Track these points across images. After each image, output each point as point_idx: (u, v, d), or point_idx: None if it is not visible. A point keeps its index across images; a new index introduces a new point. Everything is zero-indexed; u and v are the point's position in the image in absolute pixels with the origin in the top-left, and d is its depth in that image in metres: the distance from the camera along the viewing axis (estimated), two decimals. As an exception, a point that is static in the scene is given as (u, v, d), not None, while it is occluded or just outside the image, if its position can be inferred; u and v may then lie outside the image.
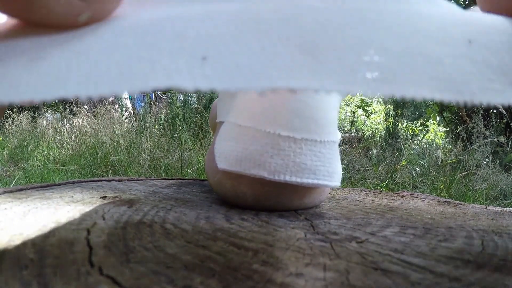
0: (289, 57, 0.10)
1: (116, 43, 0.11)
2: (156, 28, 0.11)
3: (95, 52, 0.11)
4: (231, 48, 0.10)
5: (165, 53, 0.10)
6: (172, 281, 0.13)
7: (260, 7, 0.12)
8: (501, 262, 0.17)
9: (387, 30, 0.11)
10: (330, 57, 0.10)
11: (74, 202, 0.25)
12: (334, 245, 0.18)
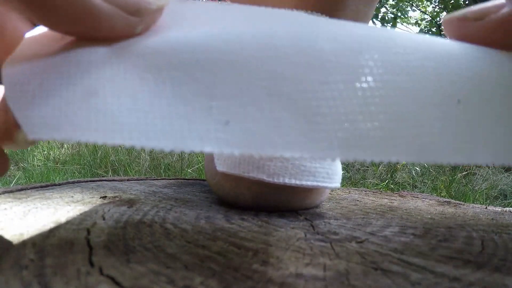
0: (294, 127, 0.12)
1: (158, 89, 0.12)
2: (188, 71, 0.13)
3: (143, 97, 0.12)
4: (248, 113, 0.12)
5: (198, 113, 0.12)
6: (172, 281, 0.13)
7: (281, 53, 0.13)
8: (501, 262, 0.17)
9: (382, 97, 0.13)
10: (321, 125, 0.12)
11: (74, 202, 0.25)
12: (334, 245, 0.18)
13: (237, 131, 0.12)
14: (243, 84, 0.12)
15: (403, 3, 3.87)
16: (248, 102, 0.12)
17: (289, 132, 0.12)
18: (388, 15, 3.76)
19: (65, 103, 0.12)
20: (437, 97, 0.13)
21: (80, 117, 0.12)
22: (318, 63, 0.13)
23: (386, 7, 3.75)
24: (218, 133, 0.12)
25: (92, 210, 0.23)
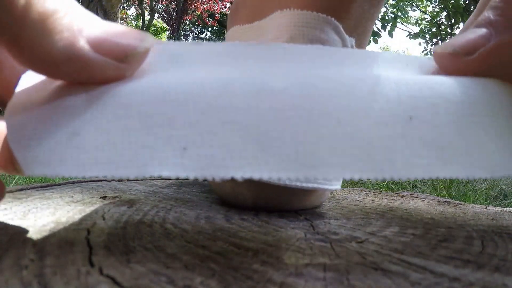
0: (245, 150, 0.13)
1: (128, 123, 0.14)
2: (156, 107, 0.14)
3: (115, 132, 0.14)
4: (204, 140, 0.14)
5: (160, 142, 0.14)
6: (172, 281, 0.13)
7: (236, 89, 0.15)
8: (501, 262, 0.17)
9: (329, 116, 0.14)
10: (275, 149, 0.13)
11: (74, 202, 0.25)
12: (334, 245, 0.18)
13: (194, 156, 0.13)
14: (200, 115, 0.14)
15: (403, 3, 3.86)
16: (204, 130, 0.14)
17: (241, 155, 0.13)
18: (388, 14, 3.76)
19: (54, 144, 0.14)
20: (388, 116, 0.15)
21: (66, 155, 0.14)
22: (269, 94, 0.14)
23: (386, 7, 3.75)
24: (176, 159, 0.13)
25: (92, 210, 0.23)
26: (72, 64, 0.14)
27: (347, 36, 0.26)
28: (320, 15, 0.25)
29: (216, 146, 0.14)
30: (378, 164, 0.14)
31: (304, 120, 0.14)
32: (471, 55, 0.18)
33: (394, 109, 0.15)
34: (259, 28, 0.27)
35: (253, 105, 0.14)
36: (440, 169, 0.14)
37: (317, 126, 0.14)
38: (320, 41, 0.25)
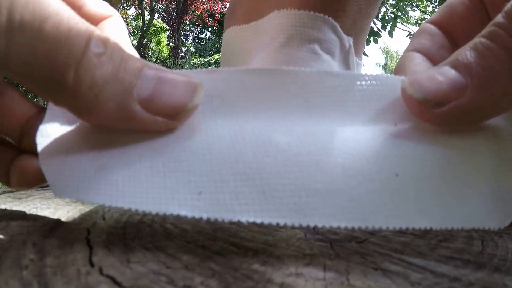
0: (251, 198, 0.16)
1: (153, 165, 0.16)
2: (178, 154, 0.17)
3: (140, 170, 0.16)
4: (217, 187, 0.16)
5: (180, 185, 0.16)
6: (172, 281, 0.13)
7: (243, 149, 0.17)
8: (501, 262, 0.17)
9: (324, 173, 0.16)
10: (276, 199, 0.16)
11: (74, 202, 0.25)
12: (334, 245, 0.18)
13: (207, 200, 0.16)
14: (214, 165, 0.16)
15: (403, 3, 3.87)
16: (217, 179, 0.16)
17: (247, 203, 0.16)
18: (388, 14, 3.76)
19: (83, 173, 0.16)
20: (376, 173, 0.17)
21: (94, 185, 0.16)
22: (274, 149, 0.17)
23: (386, 6, 3.75)
24: (193, 201, 0.16)
25: (92, 210, 0.23)
26: (125, 122, 0.16)
27: (345, 35, 0.26)
28: (317, 14, 0.25)
29: (226, 193, 0.16)
30: (364, 215, 0.16)
31: (303, 175, 0.16)
32: (440, 107, 0.17)
33: (381, 167, 0.17)
34: (256, 28, 0.27)
35: (259, 159, 0.16)
36: (419, 220, 0.16)
37: (313, 181, 0.16)
38: (317, 41, 0.25)
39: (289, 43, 0.25)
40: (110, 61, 0.15)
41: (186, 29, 9.46)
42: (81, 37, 0.14)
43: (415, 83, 0.17)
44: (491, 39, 0.16)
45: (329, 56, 0.26)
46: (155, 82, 0.16)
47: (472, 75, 0.16)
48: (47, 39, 0.13)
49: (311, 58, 0.25)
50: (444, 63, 0.18)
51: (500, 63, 0.16)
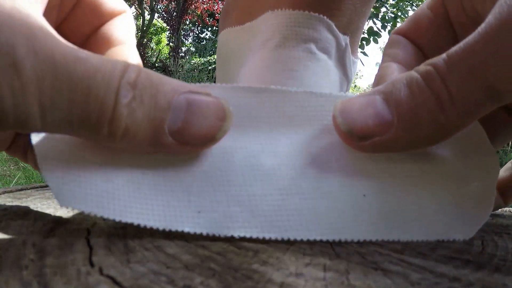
0: (241, 216, 0.18)
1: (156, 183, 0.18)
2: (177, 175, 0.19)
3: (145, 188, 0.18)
4: (213, 207, 0.18)
5: (181, 204, 0.18)
6: (172, 281, 0.13)
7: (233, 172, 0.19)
8: (501, 262, 0.17)
9: (301, 195, 0.19)
10: (262, 217, 0.18)
11: (74, 202, 0.25)
12: (334, 245, 0.18)
13: (206, 218, 0.18)
14: (209, 186, 0.19)
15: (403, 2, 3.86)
16: (213, 199, 0.18)
17: (238, 220, 0.18)
18: (388, 14, 3.76)
19: (89, 185, 0.17)
20: (345, 195, 0.19)
21: (101, 198, 0.17)
22: (261, 173, 0.19)
23: (386, 6, 3.74)
24: (194, 219, 0.18)
25: (92, 210, 0.23)
26: (154, 151, 0.18)
27: (341, 34, 0.26)
28: (312, 14, 0.25)
29: (221, 212, 0.18)
30: (337, 230, 0.18)
31: (283, 198, 0.19)
32: (365, 141, 0.18)
33: (350, 190, 0.19)
34: (250, 29, 0.27)
35: (248, 183, 0.19)
36: (386, 233, 0.18)
37: (292, 202, 0.19)
38: (313, 40, 0.25)
39: (284, 43, 0.25)
40: (140, 105, 0.16)
41: (186, 29, 9.46)
42: (110, 93, 0.15)
43: (344, 113, 0.18)
44: (426, 82, 0.17)
45: (325, 55, 0.26)
46: (185, 112, 0.17)
47: (400, 115, 0.17)
48: (79, 106, 0.15)
49: (307, 58, 0.25)
50: (382, 88, 0.18)
51: (429, 112, 0.17)
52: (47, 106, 0.14)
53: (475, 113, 0.17)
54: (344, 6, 0.25)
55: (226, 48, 0.29)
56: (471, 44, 0.16)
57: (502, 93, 0.16)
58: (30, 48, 0.13)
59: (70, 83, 0.14)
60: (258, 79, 0.25)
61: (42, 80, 0.14)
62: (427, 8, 0.23)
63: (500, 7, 0.16)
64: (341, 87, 0.28)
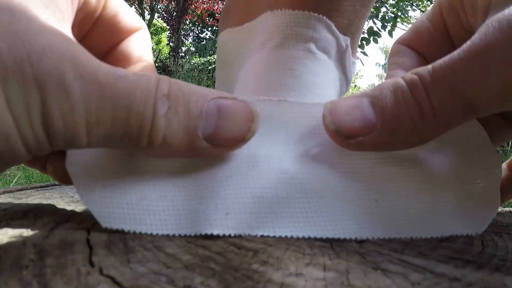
0: (266, 217, 0.19)
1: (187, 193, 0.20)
2: (205, 183, 0.20)
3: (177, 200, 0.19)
4: (240, 210, 0.19)
5: (210, 208, 0.19)
6: (172, 281, 0.13)
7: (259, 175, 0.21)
8: (501, 262, 0.17)
9: (320, 199, 0.20)
10: (284, 218, 0.19)
11: (74, 202, 0.25)
12: (334, 245, 0.18)
13: (233, 220, 0.19)
14: (237, 190, 0.20)
15: (403, 2, 3.86)
16: (240, 201, 0.19)
17: (263, 221, 0.19)
18: (388, 14, 3.76)
19: (125, 204, 0.18)
20: (357, 199, 0.21)
21: (138, 215, 0.18)
22: (284, 178, 0.21)
23: (386, 6, 3.74)
24: (222, 221, 0.18)
25: (92, 210, 0.23)
26: (189, 156, 0.19)
27: (341, 34, 0.26)
28: (311, 14, 0.25)
29: (247, 213, 0.19)
30: (354, 229, 0.19)
31: (304, 201, 0.20)
32: (350, 140, 0.19)
33: (363, 194, 0.21)
34: (249, 29, 0.27)
35: (273, 185, 0.20)
36: (394, 232, 0.20)
37: (312, 205, 0.20)
38: (313, 40, 0.25)
39: (284, 43, 0.25)
40: (175, 115, 0.17)
41: (186, 28, 9.46)
42: (148, 107, 0.16)
43: (333, 113, 0.20)
44: (411, 91, 0.18)
45: (325, 55, 0.26)
46: (216, 117, 0.18)
47: (383, 119, 0.19)
48: (122, 121, 0.16)
49: (306, 57, 0.25)
50: (370, 92, 0.20)
51: (410, 119, 0.18)
52: (93, 123, 0.15)
53: (453, 125, 0.19)
54: (344, 7, 0.25)
55: (226, 48, 0.29)
56: (454, 61, 0.18)
57: (479, 109, 0.18)
58: (76, 72, 0.14)
59: (114, 101, 0.15)
60: (259, 78, 0.25)
61: (89, 101, 0.15)
62: (427, 20, 0.25)
63: (486, 28, 0.17)
64: (340, 87, 0.28)
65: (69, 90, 0.14)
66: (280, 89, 0.24)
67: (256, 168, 0.21)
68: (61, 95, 0.14)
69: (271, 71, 0.25)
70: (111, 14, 0.23)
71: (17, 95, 0.13)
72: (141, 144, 0.17)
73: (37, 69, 0.14)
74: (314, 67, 0.25)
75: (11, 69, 0.13)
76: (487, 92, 0.17)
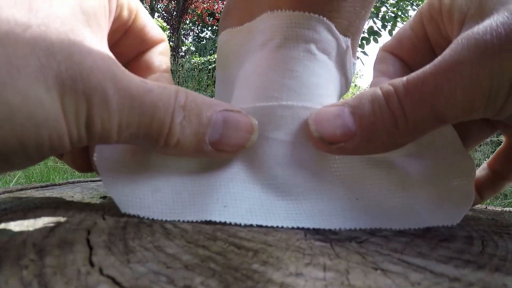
0: (259, 210, 0.22)
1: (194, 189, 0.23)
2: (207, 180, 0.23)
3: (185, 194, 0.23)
4: (237, 203, 0.22)
5: (211, 201, 0.22)
6: (172, 281, 0.13)
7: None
8: (501, 262, 0.17)
9: (308, 198, 0.23)
10: (275, 214, 0.22)
11: (74, 202, 0.25)
12: (334, 245, 0.18)
13: (231, 211, 0.22)
14: (234, 187, 0.23)
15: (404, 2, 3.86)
16: (237, 197, 0.22)
17: (257, 214, 0.22)
18: (389, 14, 3.76)
19: (142, 195, 0.22)
20: (339, 198, 0.23)
21: (152, 205, 0.22)
22: (276, 182, 0.24)
23: (387, 6, 3.74)
24: (220, 212, 0.21)
25: (92, 210, 0.23)
26: (196, 156, 0.22)
27: (342, 35, 0.26)
28: (312, 15, 0.25)
29: (243, 207, 0.22)
30: (337, 221, 0.22)
31: (292, 200, 0.23)
32: (332, 145, 0.22)
33: (344, 194, 0.23)
34: (249, 29, 0.27)
35: (266, 186, 0.23)
36: (376, 223, 0.22)
37: (299, 203, 0.23)
38: (313, 41, 0.25)
39: (285, 44, 0.25)
40: (189, 123, 0.21)
41: (186, 28, 9.45)
42: (168, 116, 0.20)
43: (317, 122, 0.22)
44: (386, 101, 0.20)
45: (325, 56, 0.26)
46: (222, 126, 0.21)
47: (362, 127, 0.21)
48: (146, 126, 0.19)
49: (307, 58, 0.25)
50: (351, 101, 0.22)
51: (385, 127, 0.20)
52: (123, 127, 0.19)
53: (424, 132, 0.21)
54: (344, 8, 0.25)
55: (226, 48, 0.29)
56: (425, 75, 0.19)
57: (447, 119, 0.20)
58: (115, 88, 0.18)
59: (141, 110, 0.19)
60: (259, 78, 0.25)
61: (122, 110, 0.18)
62: (409, 28, 0.27)
63: (456, 45, 0.19)
64: (340, 88, 0.28)
65: (109, 103, 0.18)
66: (280, 89, 0.24)
67: (252, 172, 0.24)
68: (102, 106, 0.18)
69: (271, 71, 0.25)
70: (140, 26, 0.26)
71: (70, 105, 0.17)
72: (159, 144, 0.20)
73: (86, 86, 0.17)
74: (314, 68, 0.25)
75: (67, 85, 0.17)
76: (453, 104, 0.19)
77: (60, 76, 0.16)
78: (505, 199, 1.58)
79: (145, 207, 0.21)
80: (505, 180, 0.29)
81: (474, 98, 0.19)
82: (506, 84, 0.18)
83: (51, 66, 0.16)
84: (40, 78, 0.16)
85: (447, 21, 0.24)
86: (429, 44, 0.26)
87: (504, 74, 0.18)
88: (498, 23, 0.18)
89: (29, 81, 0.15)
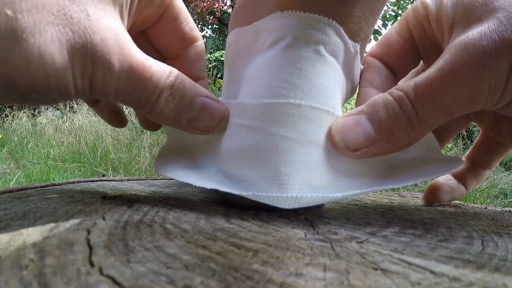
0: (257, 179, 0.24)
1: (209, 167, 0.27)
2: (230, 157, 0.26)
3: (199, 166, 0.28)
4: (233, 174, 0.25)
5: (214, 174, 0.27)
6: (172, 281, 0.13)
7: None
8: (501, 262, 0.17)
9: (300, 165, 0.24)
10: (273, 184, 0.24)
11: (74, 202, 0.25)
12: (334, 245, 0.18)
13: (231, 180, 0.25)
14: (232, 162, 0.26)
15: (404, 1, 3.86)
16: (236, 168, 0.25)
17: (258, 184, 0.24)
18: (389, 12, 3.76)
19: (174, 162, 0.29)
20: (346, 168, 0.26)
21: (179, 170, 0.28)
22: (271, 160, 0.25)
23: (387, 5, 3.74)
24: (223, 180, 0.26)
25: (92, 210, 0.23)
26: (178, 127, 0.26)
27: (351, 40, 0.26)
28: (322, 17, 0.25)
29: (237, 179, 0.25)
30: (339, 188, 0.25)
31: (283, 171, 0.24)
32: (356, 152, 0.24)
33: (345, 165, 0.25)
34: (257, 28, 0.27)
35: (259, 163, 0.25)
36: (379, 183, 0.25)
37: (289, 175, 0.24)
38: (322, 43, 0.25)
39: (295, 44, 0.25)
40: (173, 100, 0.24)
41: (186, 27, 9.41)
42: (157, 90, 0.24)
43: (341, 133, 0.24)
44: (399, 105, 0.23)
45: (333, 58, 0.26)
46: (199, 110, 0.25)
47: (381, 132, 0.24)
48: (137, 93, 0.23)
49: (316, 59, 0.25)
50: (365, 109, 0.24)
51: (401, 128, 0.23)
52: (120, 90, 0.23)
53: (434, 126, 0.24)
54: (354, 13, 0.25)
55: (234, 47, 0.29)
56: (432, 78, 0.22)
57: (454, 112, 0.23)
58: (119, 60, 0.22)
59: (136, 81, 0.23)
60: (268, 77, 0.25)
61: (121, 77, 0.22)
62: (395, 33, 0.29)
63: (455, 49, 0.22)
64: (346, 92, 0.28)
65: (112, 70, 0.22)
66: (288, 87, 0.25)
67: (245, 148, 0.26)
68: (106, 71, 0.21)
69: (280, 69, 0.25)
70: (173, 16, 0.29)
71: (78, 63, 0.21)
72: (145, 109, 0.24)
73: (95, 53, 0.21)
74: (323, 69, 0.25)
75: (78, 49, 0.20)
76: (459, 101, 0.22)
77: (73, 41, 0.20)
78: (505, 198, 1.58)
79: (176, 170, 0.27)
80: (485, 170, 0.33)
81: (476, 94, 0.22)
82: (502, 80, 0.22)
83: (67, 33, 0.20)
84: (56, 41, 0.20)
85: (435, 26, 0.27)
86: (415, 48, 0.29)
87: (499, 73, 0.21)
88: (491, 30, 0.22)
89: (47, 41, 0.19)
